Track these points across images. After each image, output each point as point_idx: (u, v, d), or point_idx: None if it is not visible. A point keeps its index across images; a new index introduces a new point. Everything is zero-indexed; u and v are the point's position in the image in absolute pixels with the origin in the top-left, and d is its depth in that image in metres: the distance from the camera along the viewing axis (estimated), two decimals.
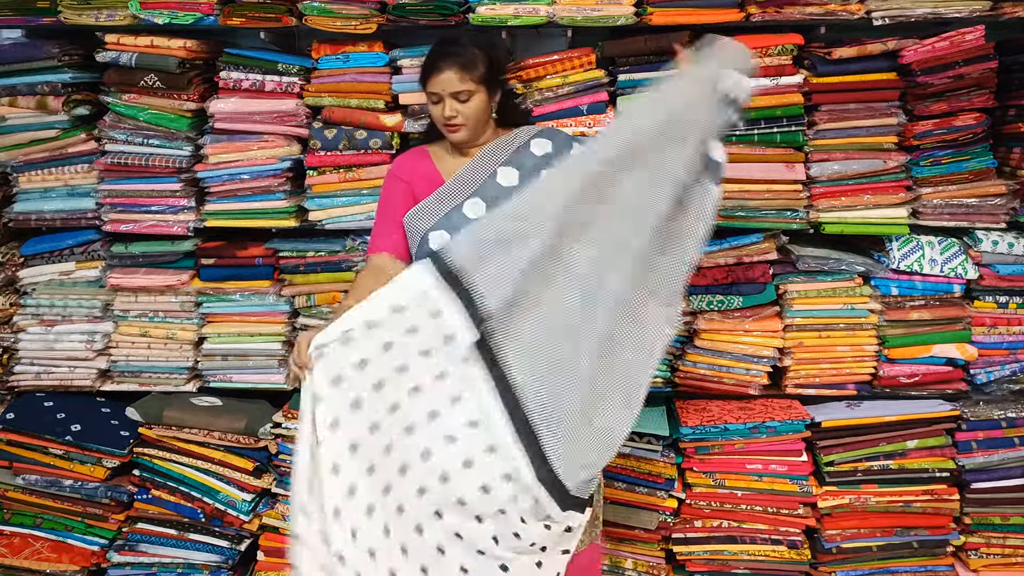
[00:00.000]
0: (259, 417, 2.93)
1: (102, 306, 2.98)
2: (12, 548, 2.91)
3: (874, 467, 2.88)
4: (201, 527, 2.91)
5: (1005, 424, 2.88)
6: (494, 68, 2.23)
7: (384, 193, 2.30)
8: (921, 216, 2.87)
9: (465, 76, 2.16)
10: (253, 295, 2.97)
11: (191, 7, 2.78)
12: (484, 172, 2.26)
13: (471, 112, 2.19)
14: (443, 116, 2.18)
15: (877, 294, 2.90)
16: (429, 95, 2.20)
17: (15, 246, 3.05)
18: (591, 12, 2.75)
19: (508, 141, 2.29)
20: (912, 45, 2.76)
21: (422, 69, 2.21)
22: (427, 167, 2.29)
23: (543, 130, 2.33)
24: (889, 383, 2.93)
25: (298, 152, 2.89)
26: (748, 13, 2.76)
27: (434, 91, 2.17)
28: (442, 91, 2.16)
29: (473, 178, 2.25)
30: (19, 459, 2.94)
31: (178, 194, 2.89)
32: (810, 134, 2.84)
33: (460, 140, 2.23)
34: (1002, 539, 2.92)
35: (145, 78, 2.80)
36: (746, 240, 2.89)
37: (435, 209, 2.21)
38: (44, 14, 2.85)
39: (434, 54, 2.18)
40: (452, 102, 2.17)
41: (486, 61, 2.19)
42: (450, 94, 2.16)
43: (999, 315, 2.91)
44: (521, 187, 2.21)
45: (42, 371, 3.02)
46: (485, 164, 2.26)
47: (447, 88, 2.16)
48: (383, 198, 2.31)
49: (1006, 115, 2.90)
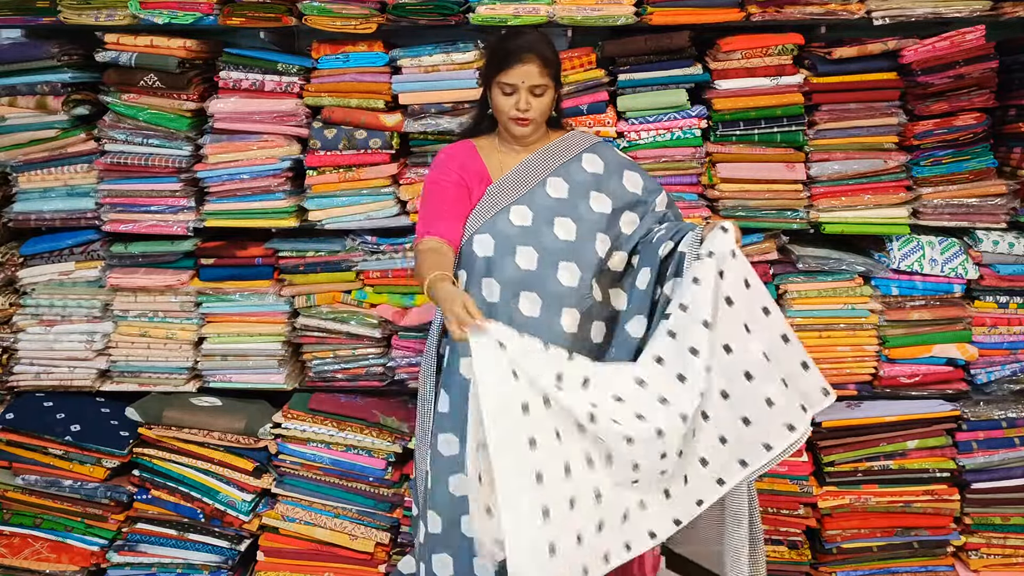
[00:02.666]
0: (259, 417, 2.93)
1: (102, 306, 2.98)
2: (12, 548, 2.91)
3: (874, 467, 2.88)
4: (201, 527, 2.91)
5: (1005, 424, 2.88)
6: (560, 67, 2.24)
7: (436, 178, 2.26)
8: (921, 216, 2.86)
9: (545, 70, 2.16)
10: (253, 295, 2.97)
11: (191, 7, 2.78)
12: (535, 179, 2.26)
13: (543, 108, 2.19)
14: (516, 108, 2.17)
15: (877, 294, 2.90)
16: (501, 85, 2.18)
17: (15, 246, 3.05)
18: (591, 12, 2.75)
19: (560, 149, 2.29)
20: (912, 45, 2.76)
21: (496, 58, 2.19)
22: (477, 164, 2.28)
23: (596, 144, 2.33)
24: (889, 383, 2.93)
25: (298, 152, 2.89)
26: (748, 13, 2.75)
27: (511, 82, 2.16)
28: (521, 83, 2.15)
29: (523, 183, 2.25)
30: (19, 459, 2.93)
31: (178, 194, 2.89)
32: (810, 134, 2.84)
33: (525, 134, 2.23)
34: (1002, 539, 2.92)
35: (145, 78, 2.80)
36: (746, 240, 2.88)
37: (482, 211, 2.22)
38: (44, 14, 2.84)
39: (515, 45, 2.17)
40: (528, 95, 2.17)
41: (557, 62, 2.21)
42: (529, 87, 2.16)
43: (999, 315, 2.91)
44: (570, 200, 2.22)
45: (42, 371, 3.02)
46: (536, 170, 2.26)
47: (528, 80, 2.15)
48: (434, 184, 2.26)
49: (1006, 115, 2.90)
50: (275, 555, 2.93)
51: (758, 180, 2.84)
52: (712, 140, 2.86)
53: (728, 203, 2.84)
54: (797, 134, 2.82)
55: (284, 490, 2.90)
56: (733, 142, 2.84)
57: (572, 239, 2.21)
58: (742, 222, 2.85)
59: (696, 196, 2.88)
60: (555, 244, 2.20)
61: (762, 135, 2.83)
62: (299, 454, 2.88)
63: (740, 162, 2.85)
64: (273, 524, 2.92)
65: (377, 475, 2.86)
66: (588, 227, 2.22)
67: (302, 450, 2.88)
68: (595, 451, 1.98)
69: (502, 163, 2.28)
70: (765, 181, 2.84)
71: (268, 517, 2.92)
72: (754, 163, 2.85)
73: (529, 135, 2.24)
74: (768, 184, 2.84)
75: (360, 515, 2.89)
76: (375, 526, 2.89)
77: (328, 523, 2.89)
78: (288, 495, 2.90)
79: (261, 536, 2.95)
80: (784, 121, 2.81)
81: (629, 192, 2.29)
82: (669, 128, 2.83)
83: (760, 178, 2.84)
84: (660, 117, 2.83)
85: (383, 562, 2.92)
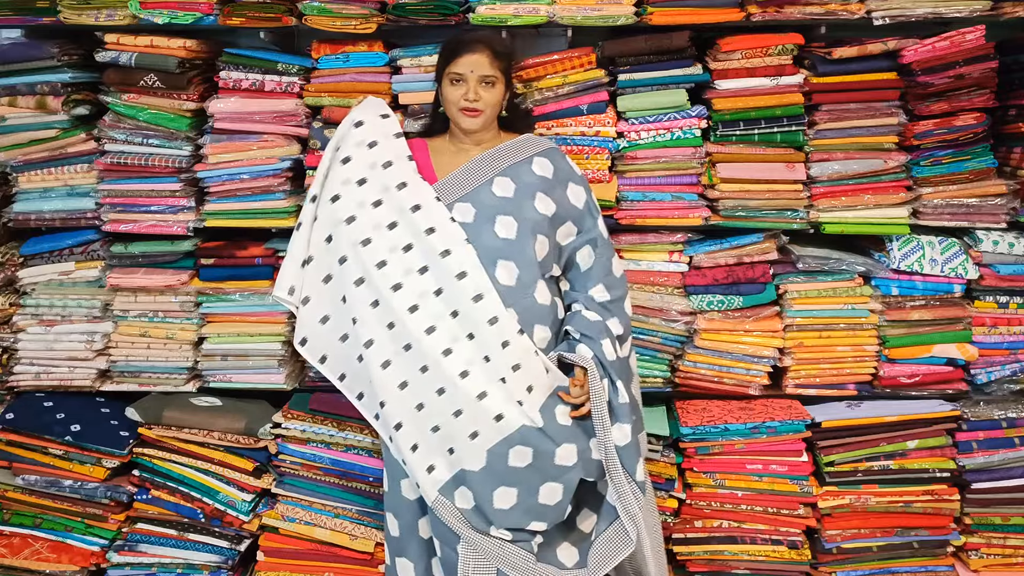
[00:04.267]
0: (259, 417, 2.93)
1: (102, 306, 2.98)
2: (12, 548, 2.91)
3: (874, 467, 2.88)
4: (201, 527, 2.91)
5: (1005, 424, 2.88)
6: (512, 66, 2.25)
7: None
8: (921, 216, 2.86)
9: (495, 62, 2.18)
10: (253, 295, 2.96)
11: (191, 7, 2.78)
12: (481, 177, 2.26)
13: (493, 101, 2.20)
14: (464, 98, 2.18)
15: (877, 294, 2.90)
16: (451, 76, 2.19)
17: (15, 246, 3.05)
18: (591, 12, 2.75)
19: (511, 149, 2.29)
20: (912, 45, 2.76)
21: (448, 50, 2.20)
22: (423, 162, 2.29)
23: (548, 150, 2.33)
24: (889, 383, 2.93)
25: (298, 152, 2.89)
26: (748, 13, 2.75)
27: (459, 71, 2.17)
28: (469, 72, 2.16)
29: (468, 181, 2.25)
30: (19, 459, 2.93)
31: (178, 194, 2.89)
32: (810, 134, 2.84)
33: (474, 127, 2.23)
34: (1002, 539, 2.92)
35: (145, 78, 2.80)
36: (746, 240, 2.89)
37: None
38: (44, 14, 2.84)
39: (465, 36, 2.20)
40: (477, 86, 2.17)
41: (509, 56, 2.23)
42: (478, 77, 2.16)
43: (999, 315, 2.91)
44: (515, 200, 2.22)
45: (42, 371, 3.02)
46: (483, 169, 2.26)
47: (477, 69, 2.16)
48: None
49: (1006, 115, 2.90)
50: (275, 555, 2.93)
51: (758, 180, 2.84)
52: (712, 140, 2.86)
53: (728, 203, 2.84)
54: (797, 134, 2.82)
55: (284, 490, 2.90)
56: (733, 142, 2.84)
57: (512, 237, 2.21)
58: (742, 222, 2.86)
59: (696, 196, 2.88)
60: (494, 242, 2.21)
61: (762, 135, 2.83)
62: (299, 454, 2.88)
63: (740, 162, 2.85)
64: (273, 524, 2.92)
65: (377, 475, 2.85)
66: (529, 226, 2.23)
67: (302, 450, 2.88)
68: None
69: (452, 162, 2.29)
70: (765, 181, 2.84)
71: (268, 517, 2.92)
72: (754, 163, 2.85)
73: (478, 129, 2.24)
74: (768, 184, 2.84)
75: (360, 515, 2.89)
76: (375, 526, 2.89)
77: (328, 523, 2.89)
78: (288, 495, 2.90)
79: (261, 536, 2.94)
80: (784, 121, 2.81)
81: (571, 204, 2.30)
82: (669, 128, 2.83)
83: (760, 178, 2.84)
84: (660, 117, 2.83)
85: (383, 562, 2.91)
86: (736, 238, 2.89)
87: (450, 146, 2.32)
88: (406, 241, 2.19)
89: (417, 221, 2.18)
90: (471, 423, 2.16)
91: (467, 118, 2.22)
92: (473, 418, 2.16)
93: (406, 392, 2.19)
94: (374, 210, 2.21)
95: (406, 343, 2.17)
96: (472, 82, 2.18)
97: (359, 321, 2.21)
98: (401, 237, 2.19)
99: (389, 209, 2.21)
